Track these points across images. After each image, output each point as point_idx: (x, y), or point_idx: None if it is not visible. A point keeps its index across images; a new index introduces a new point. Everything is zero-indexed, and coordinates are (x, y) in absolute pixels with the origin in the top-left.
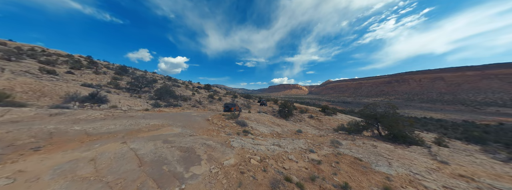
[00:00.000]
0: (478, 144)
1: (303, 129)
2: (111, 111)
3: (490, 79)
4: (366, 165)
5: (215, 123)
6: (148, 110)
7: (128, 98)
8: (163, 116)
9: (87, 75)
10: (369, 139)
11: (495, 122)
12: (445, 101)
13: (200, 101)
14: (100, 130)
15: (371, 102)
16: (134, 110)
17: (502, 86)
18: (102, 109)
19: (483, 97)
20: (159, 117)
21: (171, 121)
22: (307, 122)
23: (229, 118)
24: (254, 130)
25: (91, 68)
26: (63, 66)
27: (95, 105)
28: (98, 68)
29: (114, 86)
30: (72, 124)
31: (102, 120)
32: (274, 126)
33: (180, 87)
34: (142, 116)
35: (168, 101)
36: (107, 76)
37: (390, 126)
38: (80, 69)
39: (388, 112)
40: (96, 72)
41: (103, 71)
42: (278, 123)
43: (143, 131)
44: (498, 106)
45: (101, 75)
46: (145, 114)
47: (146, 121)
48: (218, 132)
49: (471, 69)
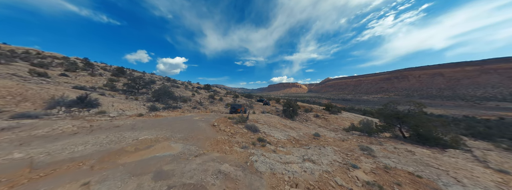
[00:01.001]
0: (485, 140)
1: (318, 131)
2: (92, 119)
3: (489, 74)
4: (432, 185)
5: (223, 130)
6: (143, 115)
7: (123, 101)
8: (159, 124)
9: (82, 78)
10: (395, 141)
11: (495, 116)
12: (445, 96)
13: (201, 101)
14: (57, 157)
15: (390, 99)
16: (125, 115)
17: (501, 81)
18: (77, 118)
19: (482, 92)
20: (154, 126)
21: (169, 132)
22: (313, 121)
23: (237, 122)
24: (269, 136)
25: (87, 70)
26: (57, 68)
27: (84, 110)
28: (94, 70)
29: (110, 88)
30: (16, 146)
31: (71, 135)
32: (288, 130)
33: (180, 88)
34: (131, 124)
35: (167, 102)
36: (103, 78)
37: (416, 126)
38: (75, 72)
39: (412, 110)
40: (92, 74)
41: (99, 73)
42: (289, 125)
43: (127, 151)
44: (497, 101)
45: (97, 77)
46: (137, 121)
47: (135, 134)
48: (230, 144)
49: (470, 64)
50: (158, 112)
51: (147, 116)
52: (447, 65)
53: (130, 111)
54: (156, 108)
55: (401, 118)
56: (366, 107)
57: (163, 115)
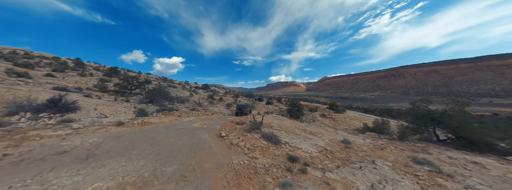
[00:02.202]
0: None
1: (340, 135)
2: (31, 137)
3: (483, 71)
4: None
5: (236, 144)
6: (124, 124)
7: (110, 103)
8: (142, 140)
9: (71, 78)
10: (436, 146)
11: (489, 112)
12: (440, 93)
13: (200, 102)
14: None
15: (420, 97)
16: (99, 124)
17: (494, 77)
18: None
19: (476, 88)
20: (130, 147)
21: (152, 162)
22: (321, 121)
23: (250, 130)
24: (295, 149)
25: (78, 71)
26: (44, 69)
27: (57, 115)
28: (85, 70)
29: (99, 89)
30: None
31: None
32: (309, 136)
33: (177, 88)
34: (92, 146)
35: (162, 104)
36: (94, 78)
37: (458, 128)
38: (64, 72)
39: (452, 109)
40: (82, 74)
41: (90, 73)
42: (308, 129)
43: None
44: (490, 97)
45: (87, 78)
46: (108, 136)
47: (77, 179)
48: (258, 180)
49: (464, 61)
50: (147, 117)
51: (130, 125)
52: (442, 63)
53: (114, 116)
54: (145, 112)
55: (436, 118)
56: (364, 105)
57: (152, 122)
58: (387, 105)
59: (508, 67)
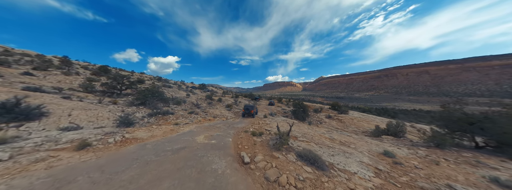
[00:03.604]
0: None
1: (370, 143)
2: None
3: (469, 71)
4: None
5: (274, 181)
6: (89, 146)
7: (92, 106)
8: None
9: (53, 77)
10: (486, 157)
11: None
12: (431, 93)
13: (198, 103)
14: None
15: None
16: (47, 148)
17: (480, 78)
18: None
19: (463, 88)
20: None
21: None
22: (327, 123)
23: (277, 146)
24: (350, 175)
25: (63, 69)
26: (24, 67)
27: (12, 124)
28: (71, 68)
29: (84, 89)
30: None
31: None
32: (345, 148)
33: (172, 88)
34: None
35: (156, 106)
36: (80, 77)
37: (506, 135)
38: (46, 70)
39: (499, 112)
40: (66, 73)
41: (76, 71)
42: (336, 138)
43: None
44: (477, 96)
45: (72, 77)
46: None
47: None
48: None
49: (453, 62)
50: (133, 128)
51: (102, 146)
52: (433, 64)
53: (92, 124)
54: (129, 121)
55: (476, 123)
56: (360, 104)
57: (138, 137)
58: (381, 104)
59: (492, 68)
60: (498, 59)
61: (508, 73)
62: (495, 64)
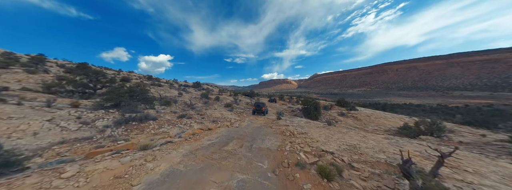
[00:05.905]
0: (482, 127)
1: (379, 141)
2: None
3: (454, 67)
4: None
5: None
6: None
7: (28, 111)
8: None
9: (11, 75)
10: None
11: (462, 104)
12: (419, 87)
13: (191, 103)
14: None
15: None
16: None
17: (463, 72)
18: None
19: (449, 83)
20: None
21: None
22: (343, 121)
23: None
24: None
25: (30, 67)
26: None
27: None
28: (39, 66)
29: (46, 89)
30: None
31: None
32: None
33: (163, 87)
34: None
35: (136, 108)
36: (49, 76)
37: None
38: (5, 68)
39: None
40: (30, 71)
41: (45, 69)
42: None
43: None
44: (460, 90)
45: (38, 75)
46: None
47: None
48: None
49: (439, 58)
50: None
51: None
52: (420, 60)
53: None
54: None
55: None
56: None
57: None
58: (373, 100)
59: (474, 63)
60: (479, 55)
61: (487, 67)
62: (476, 59)
